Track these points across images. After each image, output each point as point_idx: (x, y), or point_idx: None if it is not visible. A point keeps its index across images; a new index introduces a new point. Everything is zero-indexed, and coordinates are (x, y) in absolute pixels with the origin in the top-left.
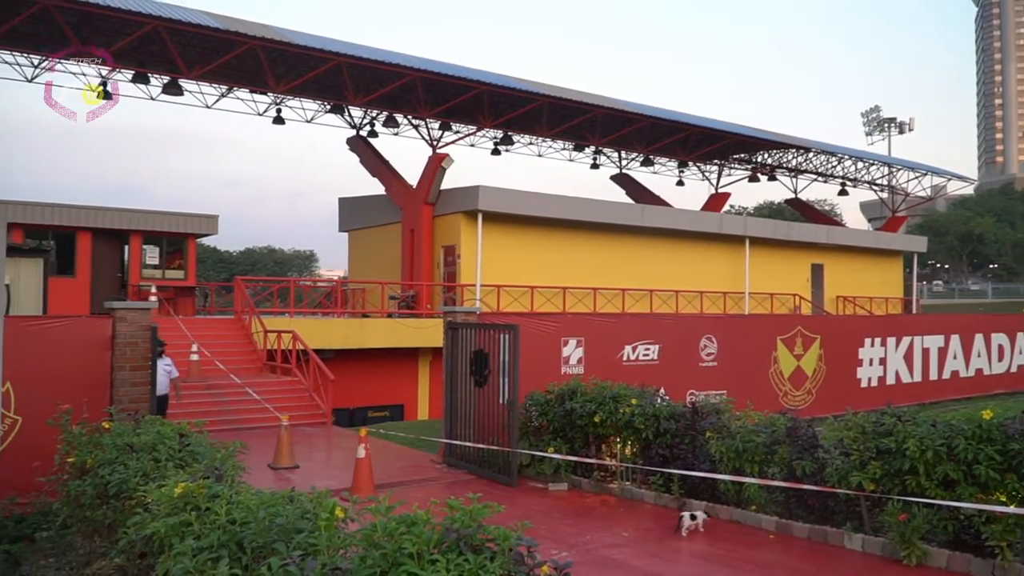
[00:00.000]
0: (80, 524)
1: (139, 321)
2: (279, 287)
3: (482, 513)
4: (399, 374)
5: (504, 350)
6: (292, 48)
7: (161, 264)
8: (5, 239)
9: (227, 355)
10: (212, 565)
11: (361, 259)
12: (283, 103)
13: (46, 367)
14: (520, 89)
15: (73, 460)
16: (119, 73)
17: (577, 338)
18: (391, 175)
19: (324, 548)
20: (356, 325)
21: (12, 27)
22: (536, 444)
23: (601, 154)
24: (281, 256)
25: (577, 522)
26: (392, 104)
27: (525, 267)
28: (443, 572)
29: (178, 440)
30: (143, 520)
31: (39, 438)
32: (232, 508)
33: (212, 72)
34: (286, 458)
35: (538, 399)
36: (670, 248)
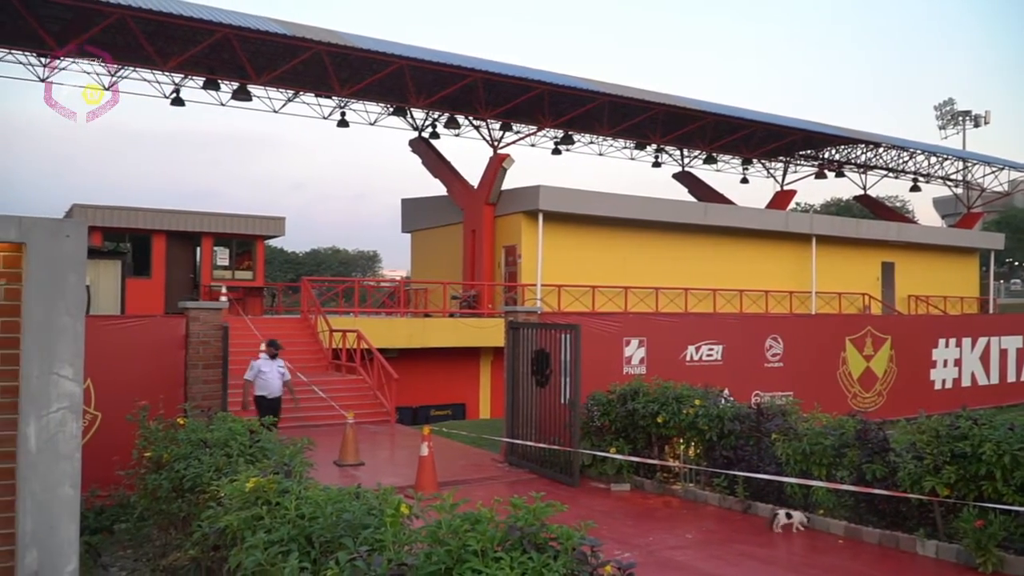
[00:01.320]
0: (156, 517)
1: (211, 321)
2: (344, 287)
3: (545, 512)
4: (461, 373)
5: (565, 350)
6: (356, 52)
7: (231, 265)
8: (86, 242)
9: (294, 354)
10: (282, 558)
11: (423, 259)
12: (347, 106)
13: (124, 365)
14: (581, 88)
15: (150, 455)
16: (191, 80)
17: (639, 338)
18: (452, 176)
19: (390, 544)
20: (419, 325)
21: (90, 38)
22: (598, 444)
23: (663, 152)
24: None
25: (639, 523)
26: (453, 105)
27: (586, 267)
28: (507, 570)
29: (248, 436)
30: (216, 513)
31: (118, 433)
32: (301, 503)
33: (279, 77)
34: (351, 455)
35: (600, 399)
36: (734, 247)
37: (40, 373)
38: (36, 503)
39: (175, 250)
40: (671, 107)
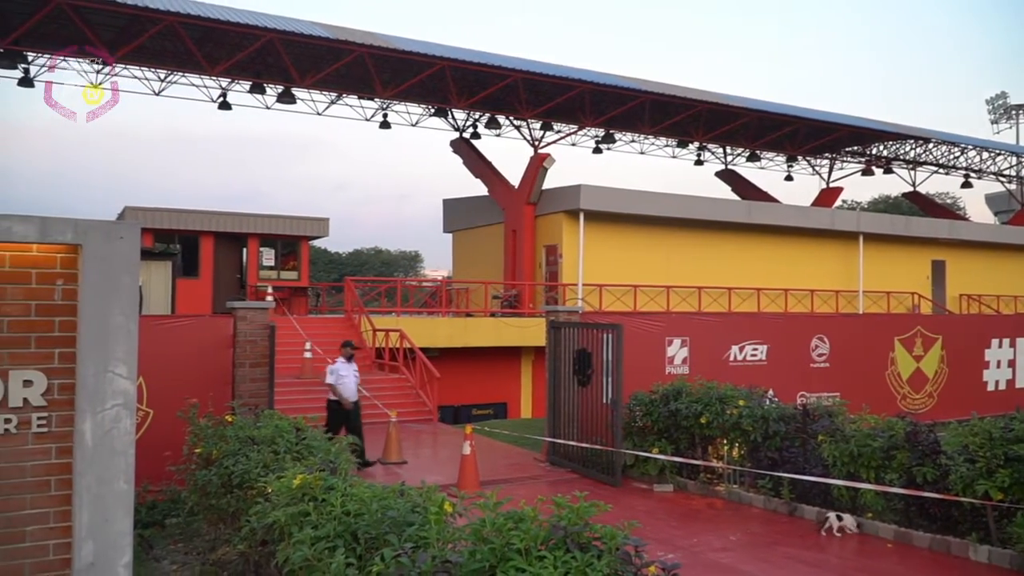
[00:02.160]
0: (206, 511)
1: (258, 320)
2: (386, 287)
3: (589, 512)
4: (502, 373)
5: (607, 349)
6: (397, 54)
7: (276, 265)
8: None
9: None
10: (329, 554)
11: (465, 259)
12: (389, 108)
13: (174, 364)
14: (622, 87)
15: (200, 451)
16: (237, 84)
17: (682, 338)
18: (493, 176)
19: (434, 541)
20: (460, 324)
21: (140, 44)
22: (640, 444)
23: (705, 150)
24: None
25: (683, 524)
26: (494, 106)
27: (627, 266)
28: (550, 569)
29: (295, 434)
30: (264, 509)
31: (168, 430)
32: (346, 500)
33: (323, 80)
34: (394, 453)
35: (642, 399)
36: (778, 245)
37: (96, 371)
38: (92, 497)
39: (222, 251)
40: (714, 104)
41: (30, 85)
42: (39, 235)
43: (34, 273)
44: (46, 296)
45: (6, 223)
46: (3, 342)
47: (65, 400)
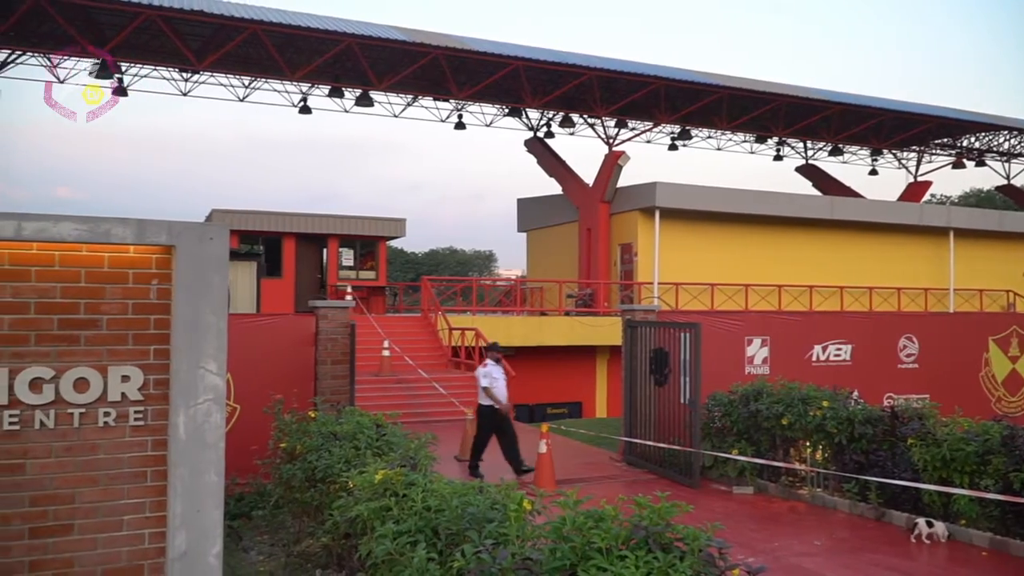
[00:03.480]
0: (290, 505)
1: (339, 319)
2: (462, 286)
3: (670, 512)
4: (577, 372)
5: (685, 349)
6: (473, 55)
7: (355, 265)
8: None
9: (415, 351)
10: (410, 548)
11: (539, 258)
12: (464, 109)
13: (259, 360)
14: (698, 82)
15: (284, 446)
16: (317, 89)
17: (762, 337)
18: (567, 175)
19: (514, 538)
20: (535, 323)
21: (226, 52)
22: (719, 445)
23: (785, 145)
24: (462, 257)
25: (764, 527)
26: (568, 104)
27: (704, 264)
28: (632, 569)
29: (375, 430)
30: (347, 503)
31: (254, 425)
32: (427, 496)
33: (399, 83)
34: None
35: (721, 399)
36: (863, 242)
37: (188, 367)
38: (185, 488)
39: (304, 251)
40: (794, 98)
41: (124, 94)
42: (136, 237)
43: (131, 273)
44: (142, 295)
45: (105, 225)
46: (103, 339)
47: (160, 395)
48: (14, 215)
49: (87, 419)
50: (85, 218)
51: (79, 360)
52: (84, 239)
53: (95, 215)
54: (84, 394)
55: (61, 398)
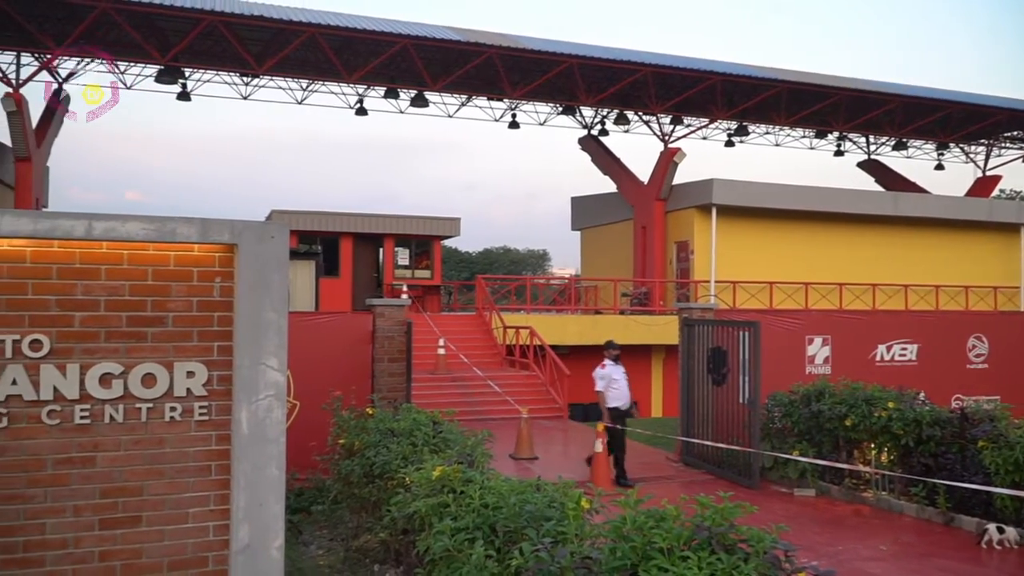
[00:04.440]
0: (349, 500)
1: (396, 317)
2: (516, 285)
3: (734, 513)
4: (632, 371)
5: (744, 348)
6: (527, 53)
7: (411, 264)
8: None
9: (470, 349)
10: (468, 545)
11: (593, 257)
12: (518, 108)
13: (318, 357)
14: (756, 76)
15: (343, 442)
16: (372, 91)
17: (823, 336)
18: (622, 172)
19: (572, 537)
20: (589, 322)
21: (284, 56)
22: (779, 446)
23: (846, 140)
24: (516, 256)
25: (827, 531)
26: (622, 102)
27: (762, 262)
28: (695, 569)
29: (432, 427)
30: (405, 499)
31: (313, 421)
32: (485, 493)
33: (454, 83)
34: (526, 449)
35: (781, 399)
36: (928, 239)
37: (250, 363)
38: (247, 482)
39: (360, 251)
40: (856, 91)
41: (188, 99)
42: (200, 236)
43: (195, 271)
44: (206, 293)
45: (171, 225)
46: (169, 336)
47: (223, 390)
48: (85, 215)
49: (154, 414)
50: (152, 218)
51: (146, 356)
52: (151, 238)
53: (161, 215)
54: (151, 389)
55: (129, 393)
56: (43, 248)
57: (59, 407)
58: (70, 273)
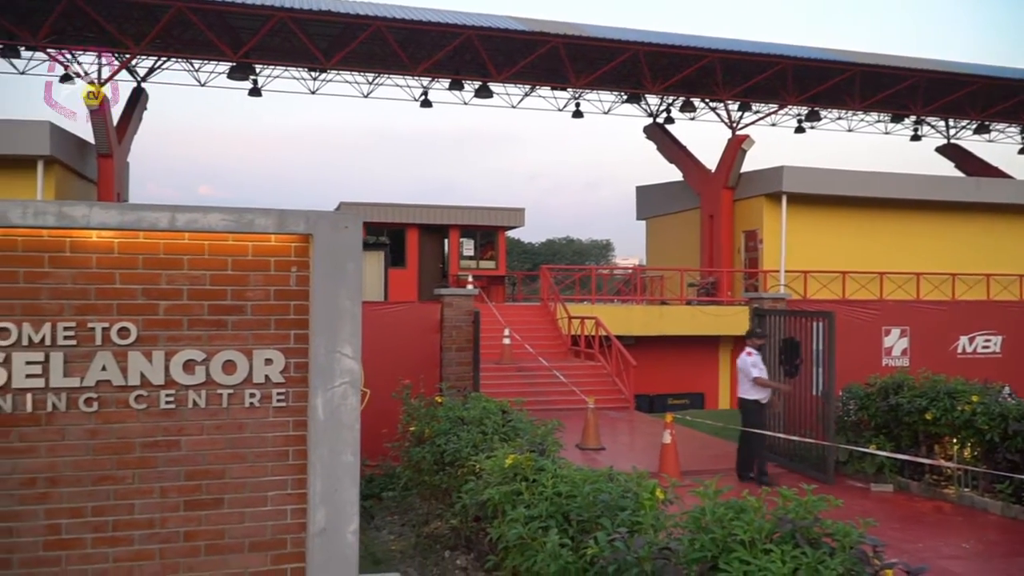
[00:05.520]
0: (419, 487)
1: (463, 307)
2: (580, 275)
3: (818, 506)
4: (699, 362)
5: (818, 339)
6: (591, 42)
7: (476, 255)
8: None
9: (535, 339)
10: (542, 533)
11: (658, 246)
12: (581, 97)
13: (388, 346)
14: (829, 60)
15: (414, 429)
16: (437, 82)
17: (901, 327)
18: (688, 160)
19: (649, 527)
20: (655, 312)
21: (351, 50)
22: (854, 440)
23: (923, 124)
24: (579, 246)
25: (907, 528)
26: (689, 88)
27: (835, 251)
28: (778, 563)
29: (501, 416)
30: (477, 487)
31: (384, 408)
32: (557, 481)
33: (518, 73)
34: (592, 439)
35: (856, 392)
36: (1012, 226)
37: (326, 351)
38: (324, 467)
39: (426, 242)
40: (935, 72)
41: (258, 94)
42: (277, 226)
43: (272, 261)
44: (282, 282)
45: (249, 216)
46: (248, 324)
47: (300, 378)
48: (168, 207)
49: (235, 399)
50: (231, 209)
51: (227, 344)
52: (230, 229)
53: (239, 206)
54: (232, 376)
55: (211, 379)
56: (129, 239)
57: (146, 392)
58: (155, 263)
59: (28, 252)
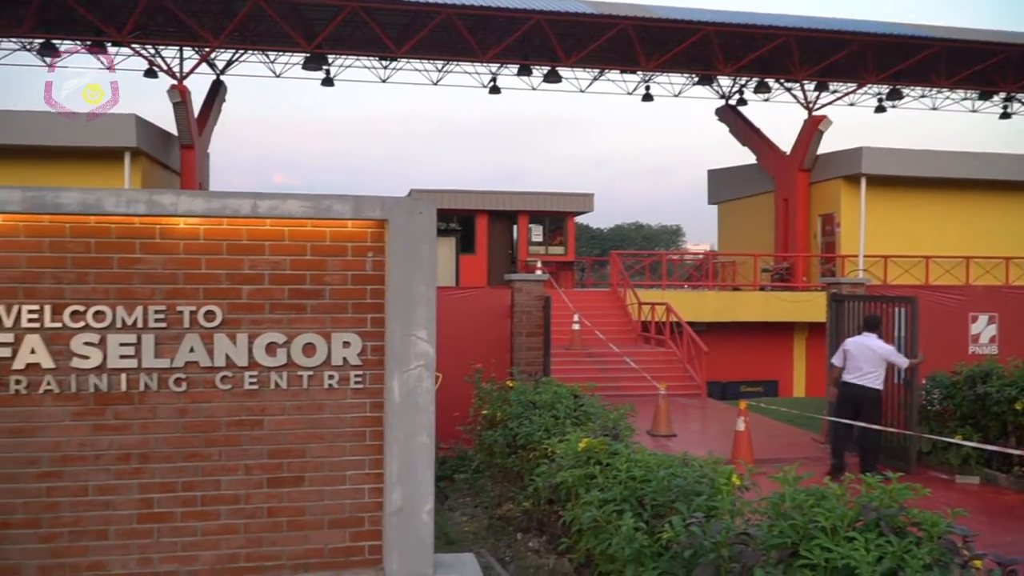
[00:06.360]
0: (491, 470)
1: (534, 292)
2: (650, 261)
3: (904, 494)
4: (773, 349)
5: (899, 325)
6: (661, 23)
7: (544, 241)
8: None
9: (605, 325)
10: (617, 516)
11: (731, 231)
12: (651, 80)
13: (459, 331)
14: (911, 36)
15: (486, 413)
16: (505, 68)
17: (989, 314)
18: (762, 143)
19: (726, 512)
20: (727, 298)
21: (421, 39)
22: (938, 430)
23: (1014, 100)
24: (648, 232)
25: (995, 521)
26: (763, 69)
27: (917, 235)
28: (862, 551)
29: (573, 400)
30: (551, 470)
31: (455, 392)
32: (632, 465)
33: (586, 57)
34: (664, 426)
35: (941, 380)
36: None
37: (402, 335)
38: (400, 448)
39: (496, 228)
40: None
41: (331, 84)
42: (353, 212)
43: (349, 246)
44: (359, 267)
45: (326, 202)
46: (326, 308)
47: (376, 360)
48: (250, 194)
49: (314, 381)
50: (309, 195)
51: (307, 327)
52: (309, 215)
53: (317, 193)
54: (311, 358)
55: (292, 361)
56: (214, 226)
57: (231, 373)
58: (238, 249)
59: (121, 239)
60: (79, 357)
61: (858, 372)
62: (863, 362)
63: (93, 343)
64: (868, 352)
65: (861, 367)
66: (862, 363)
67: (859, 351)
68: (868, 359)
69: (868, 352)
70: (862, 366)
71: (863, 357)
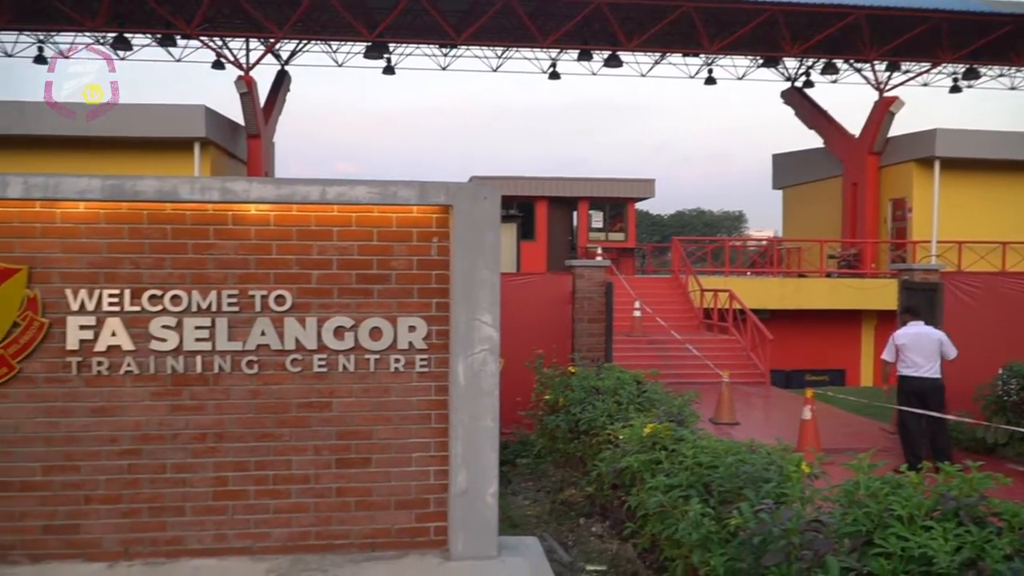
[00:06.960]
0: (553, 455)
1: (595, 278)
2: (712, 247)
3: (984, 484)
4: (839, 337)
5: None
6: (726, 4)
7: (604, 227)
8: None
9: (666, 312)
10: (683, 502)
11: (796, 216)
12: (714, 63)
13: (521, 316)
14: (990, 12)
15: (548, 398)
16: (565, 54)
17: None
18: (830, 126)
19: (796, 499)
20: (792, 285)
21: (481, 25)
22: (1016, 421)
23: None
24: (710, 218)
25: None
26: (831, 49)
27: (994, 220)
28: (939, 540)
29: (635, 386)
30: (615, 455)
31: (517, 377)
32: (698, 452)
33: (647, 41)
34: (727, 414)
35: (1018, 371)
36: None
37: (466, 319)
38: (465, 431)
39: (555, 214)
40: None
41: (392, 73)
42: (418, 198)
43: (415, 232)
44: (424, 252)
45: (392, 188)
46: (392, 292)
47: (441, 344)
48: (319, 181)
49: (381, 364)
50: (375, 182)
51: (373, 311)
52: (375, 201)
53: (383, 179)
54: (378, 342)
55: (359, 345)
56: (284, 212)
57: (300, 356)
58: (307, 235)
59: (195, 225)
60: (157, 340)
61: (914, 367)
62: (917, 355)
63: (170, 326)
64: (925, 342)
65: (916, 361)
66: (916, 357)
67: (913, 343)
68: (922, 350)
69: (925, 342)
70: (917, 360)
71: (917, 349)
